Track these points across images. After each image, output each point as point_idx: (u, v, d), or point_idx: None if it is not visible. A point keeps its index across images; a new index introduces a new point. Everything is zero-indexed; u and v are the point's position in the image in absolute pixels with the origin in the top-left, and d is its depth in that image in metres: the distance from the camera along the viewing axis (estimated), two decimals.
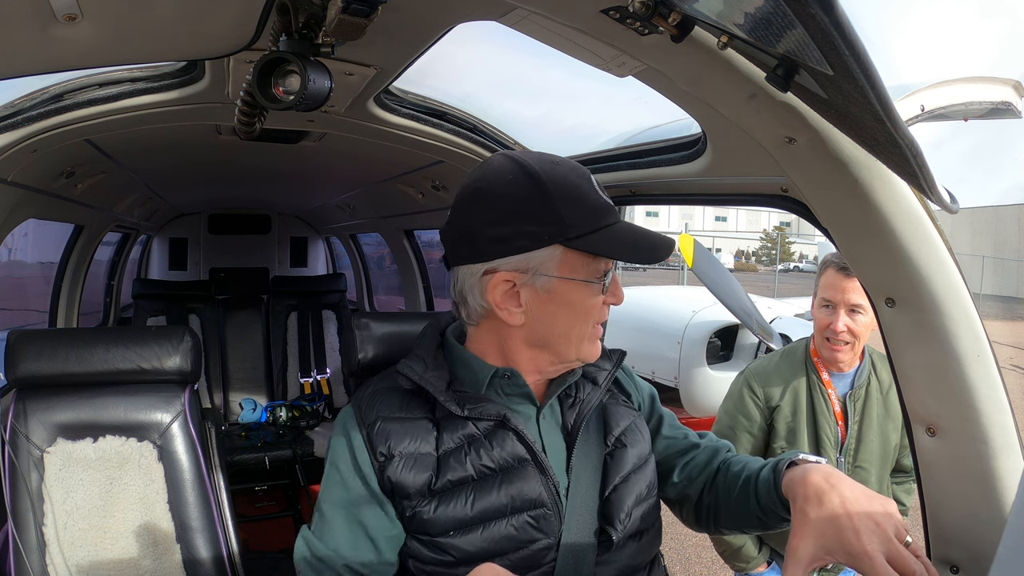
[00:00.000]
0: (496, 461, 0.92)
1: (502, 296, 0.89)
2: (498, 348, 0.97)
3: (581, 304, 0.90)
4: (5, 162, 1.52)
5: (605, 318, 0.96)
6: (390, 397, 0.97)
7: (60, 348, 1.67)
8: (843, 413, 1.83)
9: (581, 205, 0.87)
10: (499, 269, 0.88)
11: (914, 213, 0.90)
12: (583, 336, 0.93)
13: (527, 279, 0.88)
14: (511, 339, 0.94)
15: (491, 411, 0.93)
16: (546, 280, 0.87)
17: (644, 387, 1.16)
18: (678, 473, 1.09)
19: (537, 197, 0.86)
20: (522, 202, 0.86)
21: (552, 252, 0.86)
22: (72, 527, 1.58)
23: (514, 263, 0.87)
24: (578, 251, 0.87)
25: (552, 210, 0.85)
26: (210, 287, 4.16)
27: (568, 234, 0.85)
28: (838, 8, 0.48)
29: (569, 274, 0.88)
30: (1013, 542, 0.43)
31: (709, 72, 0.88)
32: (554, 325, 0.91)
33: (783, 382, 1.87)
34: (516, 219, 0.86)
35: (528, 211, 0.86)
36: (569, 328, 0.91)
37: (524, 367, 0.96)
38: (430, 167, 2.14)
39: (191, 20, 1.03)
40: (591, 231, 0.86)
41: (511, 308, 0.90)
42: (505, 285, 0.89)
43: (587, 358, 0.96)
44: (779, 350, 2.01)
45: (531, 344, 0.94)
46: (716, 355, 4.48)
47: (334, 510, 0.94)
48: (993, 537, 0.93)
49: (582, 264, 0.88)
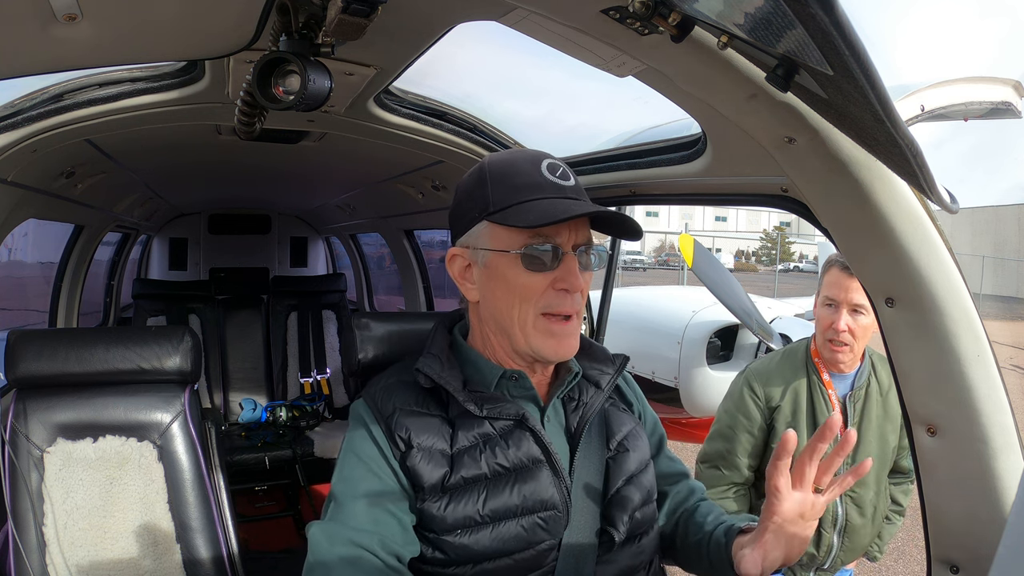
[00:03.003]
0: (511, 461, 0.92)
1: (459, 271, 1.00)
2: (480, 333, 1.01)
3: (515, 280, 0.92)
4: (5, 162, 1.52)
5: (559, 307, 0.93)
6: (405, 391, 0.98)
7: (60, 348, 1.67)
8: (843, 413, 1.82)
9: (509, 184, 0.94)
10: (453, 247, 1.01)
11: (914, 213, 0.90)
12: (525, 321, 0.93)
13: (472, 255, 0.98)
14: (484, 321, 1.00)
15: (510, 411, 0.94)
16: (483, 255, 0.96)
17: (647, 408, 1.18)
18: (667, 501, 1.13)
19: (476, 182, 0.97)
20: (467, 189, 0.99)
21: (482, 228, 0.96)
22: (72, 527, 1.58)
23: (462, 240, 0.99)
24: (499, 224, 0.93)
25: (484, 190, 0.95)
26: (210, 287, 4.16)
27: (489, 209, 0.94)
28: (838, 8, 0.48)
29: (496, 247, 0.94)
30: (1013, 542, 0.43)
31: (709, 72, 0.88)
32: (496, 302, 0.96)
33: (783, 382, 1.86)
34: (462, 204, 0.99)
35: (469, 195, 0.98)
36: (509, 307, 0.94)
37: (499, 353, 0.99)
38: (430, 167, 2.14)
39: (191, 20, 1.03)
40: (511, 205, 0.93)
41: (467, 284, 1.00)
42: (460, 260, 1.00)
43: (542, 352, 0.94)
44: (780, 350, 2.01)
45: (492, 326, 0.99)
46: (716, 355, 4.47)
47: (358, 494, 0.91)
48: (993, 537, 0.93)
49: (508, 238, 0.93)
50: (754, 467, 1.92)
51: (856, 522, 1.83)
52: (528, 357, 0.97)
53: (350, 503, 0.91)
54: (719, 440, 1.93)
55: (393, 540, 0.88)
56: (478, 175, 0.98)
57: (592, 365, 1.06)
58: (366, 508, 0.90)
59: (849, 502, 1.84)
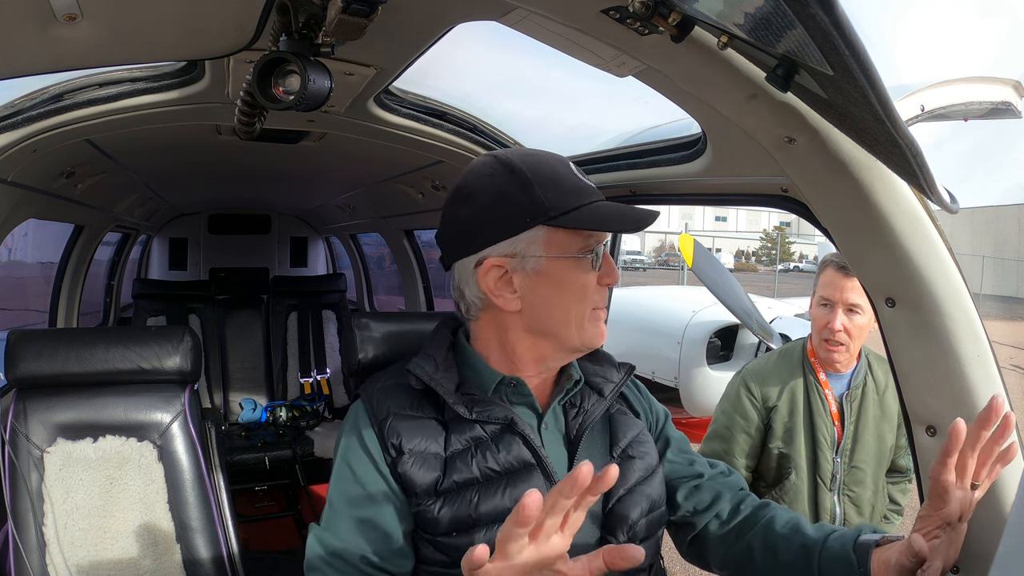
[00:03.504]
0: (501, 464, 0.92)
1: (495, 283, 0.93)
2: (498, 341, 0.98)
3: (574, 282, 0.92)
4: (5, 162, 1.52)
5: (604, 302, 0.97)
6: (400, 394, 0.97)
7: (60, 348, 1.67)
8: (839, 413, 1.83)
9: (559, 187, 0.91)
10: (489, 257, 0.92)
11: (914, 213, 0.90)
12: (583, 318, 0.94)
13: (517, 263, 0.92)
14: (512, 329, 0.96)
15: (498, 414, 0.93)
16: (535, 261, 0.91)
17: (658, 409, 1.16)
18: (682, 498, 1.09)
19: (516, 185, 0.91)
20: (503, 191, 0.91)
21: (536, 233, 0.90)
22: (72, 527, 1.58)
23: (502, 249, 0.92)
24: (561, 228, 0.90)
25: (531, 194, 0.90)
26: (210, 287, 4.16)
27: (549, 214, 0.89)
28: (838, 8, 0.48)
29: (556, 252, 0.91)
30: (1013, 542, 0.43)
31: (709, 72, 0.88)
32: (550, 307, 0.93)
33: (780, 382, 1.87)
34: (499, 207, 0.91)
35: (509, 199, 0.91)
36: (567, 309, 0.93)
37: (526, 358, 0.97)
38: (430, 167, 2.14)
39: (191, 20, 1.03)
40: (571, 209, 0.90)
41: (506, 294, 0.93)
42: (496, 271, 0.92)
43: (591, 342, 0.96)
44: (776, 350, 2.01)
45: (532, 331, 0.95)
46: (716, 355, 4.48)
47: (347, 505, 0.93)
48: (993, 537, 0.93)
49: (567, 241, 0.91)
50: (752, 468, 1.92)
51: (854, 521, 1.83)
52: (570, 352, 0.98)
53: (341, 514, 0.93)
54: (716, 441, 1.94)
55: (378, 554, 0.90)
56: (510, 176, 0.91)
57: (596, 372, 1.06)
58: (354, 522, 0.91)
59: (847, 501, 1.84)
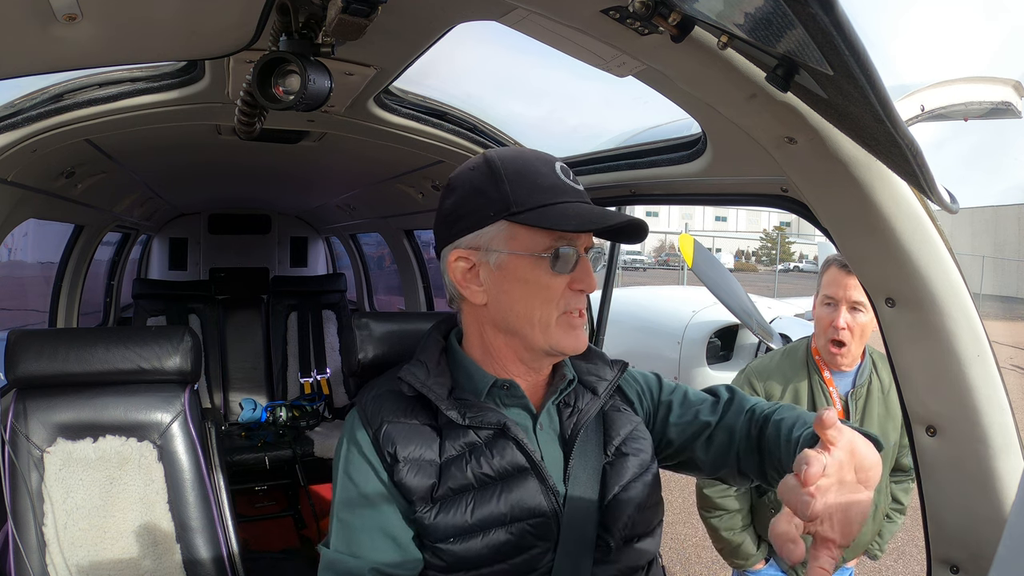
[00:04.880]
0: (496, 469, 0.92)
1: (462, 274, 0.94)
2: (479, 337, 0.98)
3: (535, 282, 0.91)
4: (5, 162, 1.52)
5: (577, 306, 0.94)
6: (394, 401, 0.97)
7: (60, 348, 1.67)
8: (844, 411, 1.83)
9: (530, 184, 0.91)
10: (458, 248, 0.94)
11: (914, 213, 0.90)
12: (548, 322, 0.92)
13: (481, 256, 0.93)
14: (485, 324, 0.97)
15: (491, 419, 0.93)
16: (497, 256, 0.92)
17: (648, 380, 1.13)
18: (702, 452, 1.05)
19: (489, 179, 0.92)
20: (477, 186, 0.93)
21: (499, 228, 0.91)
22: (72, 527, 1.58)
23: (468, 241, 0.93)
24: (523, 225, 0.90)
25: (500, 189, 0.91)
26: (210, 287, 4.16)
27: (511, 209, 0.90)
28: (838, 8, 0.48)
29: (517, 249, 0.90)
30: (1013, 542, 0.43)
31: (709, 72, 0.88)
32: (512, 304, 0.92)
33: (784, 380, 1.87)
34: (471, 200, 0.93)
35: (481, 193, 0.92)
36: (529, 309, 0.91)
37: (505, 355, 0.97)
38: (430, 167, 2.14)
39: (191, 20, 1.03)
40: (537, 206, 0.90)
41: (472, 286, 0.94)
42: (463, 263, 0.94)
43: (561, 347, 0.94)
44: (780, 349, 2.01)
45: (501, 328, 0.95)
46: (716, 355, 4.48)
47: (352, 516, 0.92)
48: (993, 537, 0.93)
49: (531, 239, 0.90)
50: None
51: None
52: (541, 354, 0.96)
53: (349, 521, 0.93)
54: None
55: (391, 562, 0.90)
56: (487, 171, 0.92)
57: (590, 371, 1.05)
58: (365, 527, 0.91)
59: None
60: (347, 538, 0.92)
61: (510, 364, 0.98)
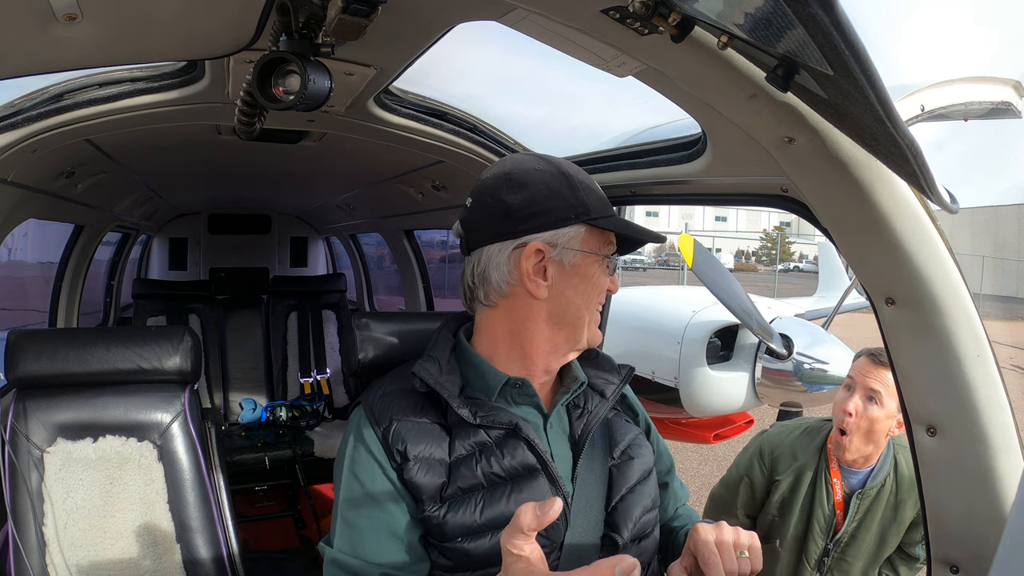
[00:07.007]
0: (506, 470, 0.92)
1: (533, 267, 0.96)
2: (509, 334, 0.99)
3: (597, 280, 0.99)
4: (5, 162, 1.52)
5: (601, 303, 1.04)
6: (403, 399, 0.97)
7: (60, 348, 1.67)
8: (844, 508, 1.80)
9: (595, 194, 1.00)
10: (534, 241, 0.96)
11: (914, 213, 0.90)
12: (593, 316, 1.01)
13: (555, 253, 0.96)
14: (530, 319, 0.98)
15: (503, 419, 0.93)
16: (572, 254, 0.96)
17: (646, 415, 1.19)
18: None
19: (565, 184, 0.98)
20: (552, 187, 0.97)
21: (578, 230, 0.97)
22: (72, 527, 1.58)
23: (546, 237, 0.96)
24: (598, 229, 0.98)
25: (577, 195, 0.97)
26: (210, 287, 4.16)
27: (591, 214, 0.97)
28: (838, 8, 0.48)
29: (591, 249, 0.98)
30: (1013, 542, 0.43)
31: (709, 72, 0.88)
32: (574, 299, 0.98)
33: (792, 460, 1.86)
34: (549, 200, 0.96)
35: (558, 194, 0.97)
36: (587, 303, 0.99)
37: (539, 350, 0.99)
38: (430, 167, 2.14)
39: (191, 20, 1.03)
40: (607, 215, 1.00)
41: (539, 280, 0.96)
42: (537, 256, 0.96)
43: (593, 341, 1.02)
44: (806, 421, 1.98)
45: (552, 321, 0.98)
46: (716, 355, 4.47)
47: (358, 516, 0.92)
48: (993, 537, 0.93)
49: (598, 243, 0.99)
50: (752, 516, 1.98)
51: None
52: (575, 347, 1.02)
53: (355, 521, 0.92)
54: (725, 488, 2.01)
55: (397, 562, 0.90)
56: (560, 176, 0.98)
57: (598, 375, 1.07)
58: (372, 527, 0.91)
59: None
60: (352, 538, 0.92)
61: (538, 359, 1.00)
